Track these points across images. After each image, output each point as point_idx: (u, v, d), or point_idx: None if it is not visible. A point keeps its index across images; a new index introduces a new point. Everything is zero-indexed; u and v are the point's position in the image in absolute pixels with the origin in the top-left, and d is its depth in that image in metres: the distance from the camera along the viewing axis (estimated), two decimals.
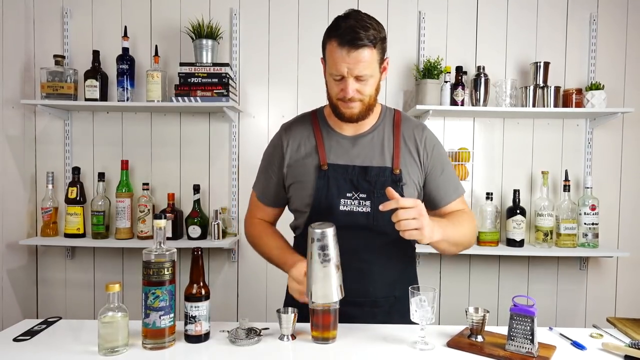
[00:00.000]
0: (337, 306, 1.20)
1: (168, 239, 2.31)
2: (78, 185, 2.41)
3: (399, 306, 1.35)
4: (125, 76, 2.37)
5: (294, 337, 1.23)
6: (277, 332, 1.24)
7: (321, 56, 1.32)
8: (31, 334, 1.24)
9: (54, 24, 2.51)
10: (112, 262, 2.55)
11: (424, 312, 1.16)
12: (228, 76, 2.31)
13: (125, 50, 2.39)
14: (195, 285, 1.19)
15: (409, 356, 1.14)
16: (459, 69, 2.39)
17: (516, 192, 2.41)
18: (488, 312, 1.21)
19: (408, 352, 1.16)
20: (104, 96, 2.39)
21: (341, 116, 1.31)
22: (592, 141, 2.49)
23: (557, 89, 2.37)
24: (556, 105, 2.37)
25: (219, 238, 2.34)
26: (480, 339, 1.20)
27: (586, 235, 2.37)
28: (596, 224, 2.37)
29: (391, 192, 1.14)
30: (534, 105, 2.37)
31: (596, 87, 2.36)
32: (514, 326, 1.13)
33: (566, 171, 2.43)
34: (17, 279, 2.41)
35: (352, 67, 1.22)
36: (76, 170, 2.43)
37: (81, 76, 2.40)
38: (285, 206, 1.50)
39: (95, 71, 2.37)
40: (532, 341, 1.10)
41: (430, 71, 2.36)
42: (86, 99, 2.35)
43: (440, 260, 2.54)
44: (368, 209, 1.31)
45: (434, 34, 2.50)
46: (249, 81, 2.54)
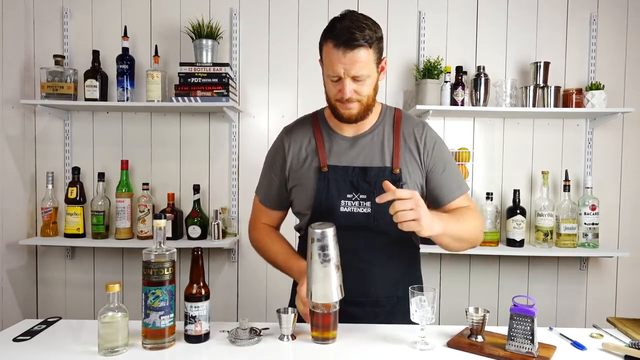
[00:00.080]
0: (337, 306, 1.19)
1: (168, 239, 2.31)
2: (78, 185, 2.41)
3: (401, 306, 1.34)
4: (125, 76, 2.37)
5: (294, 337, 1.23)
6: (277, 332, 1.24)
7: (319, 58, 1.32)
8: (31, 334, 1.24)
9: (53, 24, 2.51)
10: (112, 262, 2.55)
11: (424, 312, 1.16)
12: (228, 76, 2.31)
13: (125, 50, 2.39)
14: (195, 285, 1.19)
15: (409, 356, 1.13)
16: (459, 69, 2.39)
17: (516, 192, 2.41)
18: (488, 312, 1.21)
19: (408, 352, 1.16)
20: (103, 96, 2.39)
21: (340, 117, 1.32)
22: (592, 141, 2.49)
23: (557, 89, 2.37)
24: (556, 105, 2.37)
25: (219, 238, 2.34)
26: (480, 339, 1.19)
27: (586, 235, 2.37)
28: (596, 224, 2.37)
29: (388, 184, 1.14)
30: (534, 105, 2.37)
31: (596, 87, 2.36)
32: (514, 326, 1.13)
33: (566, 171, 2.43)
34: (17, 279, 2.41)
35: (348, 68, 1.22)
36: (76, 170, 2.43)
37: (81, 76, 2.40)
38: (288, 209, 1.50)
39: (95, 71, 2.37)
40: (532, 341, 1.10)
41: (430, 71, 2.36)
42: (86, 99, 2.34)
43: (440, 260, 2.53)
44: (368, 210, 1.31)
45: (434, 34, 2.50)
46: (249, 81, 2.54)
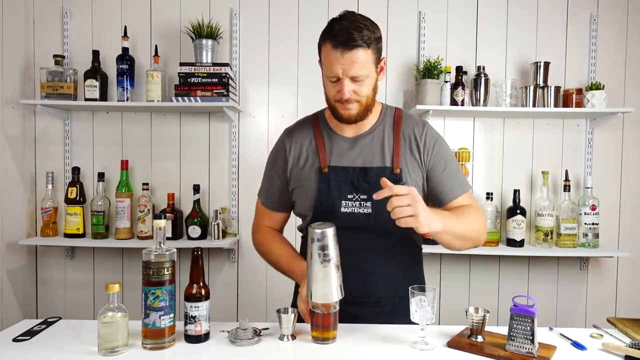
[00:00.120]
0: (337, 306, 1.19)
1: (168, 239, 2.31)
2: (78, 185, 2.41)
3: (402, 306, 1.34)
4: (125, 76, 2.37)
5: (294, 337, 1.23)
6: (277, 332, 1.24)
7: (318, 59, 1.32)
8: (31, 334, 1.24)
9: (53, 24, 2.51)
10: (112, 262, 2.55)
11: (424, 312, 1.16)
12: (228, 76, 2.31)
13: (125, 50, 2.39)
14: (195, 285, 1.19)
15: (409, 356, 1.13)
16: (459, 69, 2.39)
17: (516, 192, 2.41)
18: (488, 312, 1.21)
19: (408, 352, 1.15)
20: (103, 96, 2.39)
21: (340, 118, 1.32)
22: (593, 141, 2.49)
23: (557, 89, 2.37)
24: (556, 105, 2.37)
25: (218, 238, 2.34)
26: (480, 339, 1.19)
27: (586, 235, 2.37)
28: (596, 224, 2.37)
29: (385, 181, 1.14)
30: (534, 105, 2.37)
31: (596, 87, 2.36)
32: (514, 326, 1.13)
33: (566, 171, 2.43)
34: (16, 279, 2.41)
35: (346, 68, 1.22)
36: (76, 170, 2.43)
37: (81, 76, 2.40)
38: (290, 211, 1.50)
39: (95, 71, 2.37)
40: (533, 341, 1.10)
41: (430, 71, 2.36)
42: (86, 99, 2.34)
43: (440, 260, 2.53)
44: (369, 210, 1.31)
45: (434, 34, 2.50)
46: (249, 81, 2.53)
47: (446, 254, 2.49)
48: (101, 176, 2.41)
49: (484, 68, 2.39)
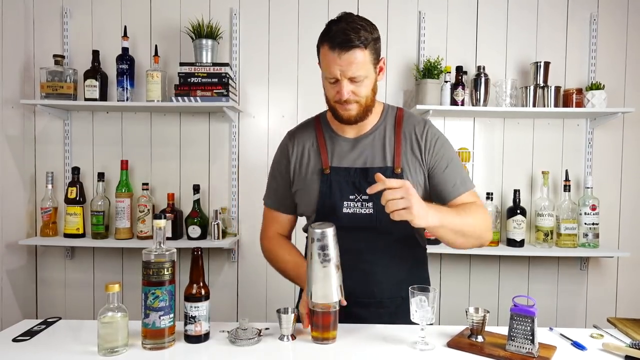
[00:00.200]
0: (337, 306, 1.19)
1: (168, 239, 2.31)
2: (78, 185, 2.41)
3: (405, 307, 1.33)
4: (125, 76, 2.37)
5: (294, 337, 1.23)
6: (277, 332, 1.24)
7: (318, 61, 1.33)
8: (31, 334, 1.24)
9: (53, 23, 2.51)
10: (111, 262, 2.55)
11: (424, 312, 1.16)
12: (228, 76, 2.30)
13: (125, 50, 2.38)
14: (195, 286, 1.19)
15: (409, 356, 1.13)
16: (459, 69, 2.39)
17: (516, 192, 2.41)
18: (488, 312, 1.21)
19: (408, 352, 1.15)
20: (103, 96, 2.39)
21: (340, 118, 1.32)
22: (593, 141, 2.49)
23: (557, 88, 2.37)
24: (556, 105, 2.36)
25: (218, 238, 2.34)
26: (480, 339, 1.19)
27: (586, 235, 2.37)
28: (596, 224, 2.37)
29: (379, 175, 1.13)
30: (534, 105, 2.37)
31: (596, 87, 2.35)
32: (514, 326, 1.13)
33: (566, 171, 2.42)
34: (16, 279, 2.41)
35: (344, 69, 1.22)
36: (76, 170, 2.42)
37: (81, 76, 2.40)
38: (296, 213, 1.49)
39: (95, 71, 2.37)
40: (533, 341, 1.10)
41: (430, 71, 2.36)
42: (86, 99, 2.34)
43: (440, 260, 2.53)
44: (371, 210, 1.32)
45: (434, 34, 2.50)
46: (249, 81, 2.53)
47: (446, 254, 2.49)
48: (101, 176, 2.41)
49: (484, 68, 2.39)
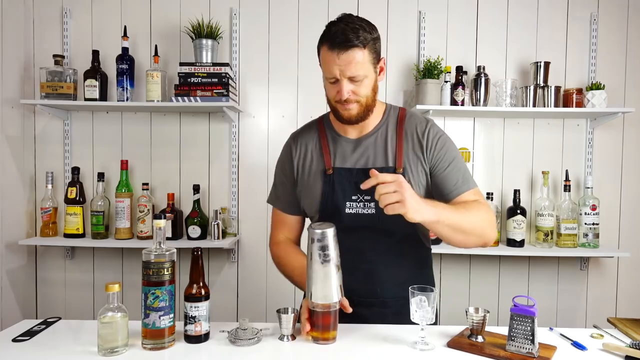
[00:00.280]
0: (337, 306, 1.19)
1: (168, 239, 2.31)
2: (77, 185, 2.41)
3: (409, 307, 1.34)
4: (125, 76, 2.36)
5: (293, 337, 1.23)
6: (277, 332, 1.24)
7: (319, 62, 1.33)
8: (30, 334, 1.24)
9: (53, 23, 2.50)
10: (111, 262, 2.55)
11: (424, 312, 1.16)
12: (228, 76, 2.30)
13: (125, 50, 2.38)
14: (195, 286, 1.19)
15: (409, 356, 1.13)
16: (459, 69, 2.39)
17: (516, 192, 2.41)
18: (488, 312, 1.20)
19: (408, 352, 1.15)
20: (103, 96, 2.39)
21: (341, 118, 1.33)
22: (593, 141, 2.49)
23: (557, 88, 2.37)
24: (556, 105, 2.36)
25: (218, 238, 2.34)
26: (480, 339, 1.19)
27: (587, 235, 2.37)
28: (597, 224, 2.37)
29: (373, 172, 1.14)
30: (534, 105, 2.37)
31: (597, 87, 2.35)
32: (515, 326, 1.13)
33: (567, 171, 2.42)
34: (16, 279, 2.41)
35: (344, 69, 1.23)
36: (76, 170, 2.42)
37: (81, 76, 2.40)
38: (303, 214, 1.49)
39: (95, 71, 2.37)
40: (533, 341, 1.10)
41: (430, 71, 2.36)
42: (86, 99, 2.34)
43: (440, 260, 2.53)
44: (373, 210, 1.32)
45: (434, 34, 2.50)
46: (249, 81, 2.53)
47: (446, 254, 2.49)
48: (101, 176, 2.41)
49: (484, 68, 2.38)
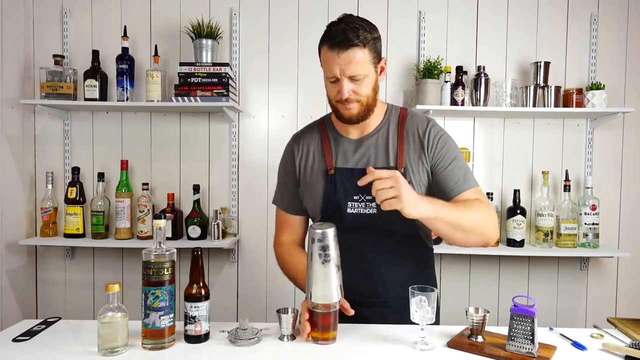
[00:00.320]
0: (337, 307, 1.19)
1: (168, 239, 2.31)
2: (77, 185, 2.41)
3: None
4: (124, 76, 2.36)
5: (293, 337, 1.23)
6: (277, 332, 1.24)
7: (320, 63, 1.33)
8: (30, 334, 1.24)
9: (53, 23, 2.50)
10: (111, 262, 2.55)
11: (424, 312, 1.16)
12: (228, 76, 2.30)
13: (125, 50, 2.38)
14: (195, 286, 1.19)
15: (409, 356, 1.13)
16: (459, 69, 2.39)
17: (516, 192, 2.41)
18: (488, 312, 1.21)
19: (408, 352, 1.15)
20: (103, 96, 2.39)
21: (342, 118, 1.33)
22: (593, 141, 2.49)
23: (557, 88, 2.37)
24: (556, 105, 2.36)
25: (218, 238, 2.34)
26: (480, 339, 1.19)
27: (587, 235, 2.37)
28: (597, 224, 2.37)
29: (370, 169, 1.15)
30: (534, 105, 2.37)
31: (597, 87, 2.35)
32: (514, 326, 1.13)
33: (566, 171, 2.42)
34: (16, 279, 2.41)
35: (344, 68, 1.24)
36: (76, 170, 2.42)
37: (81, 76, 2.39)
38: (307, 214, 1.49)
39: (95, 71, 2.37)
40: (533, 341, 1.10)
41: (430, 71, 2.36)
42: (86, 99, 2.34)
43: (440, 260, 2.53)
44: (374, 210, 1.32)
45: (434, 34, 2.50)
46: (249, 81, 2.53)
47: (446, 254, 2.49)
48: (101, 176, 2.41)
49: (484, 68, 2.38)
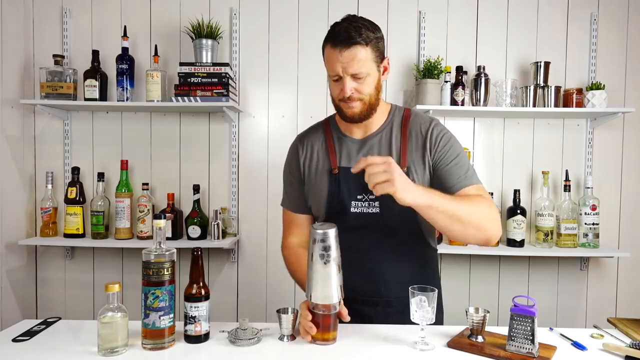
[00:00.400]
0: (338, 307, 1.19)
1: (168, 239, 2.31)
2: (77, 185, 2.41)
3: None
4: (124, 76, 2.36)
5: (293, 337, 1.23)
6: (277, 332, 1.24)
7: (324, 63, 1.34)
8: (30, 334, 1.24)
9: (53, 23, 2.50)
10: (111, 262, 2.55)
11: (424, 312, 1.16)
12: (228, 76, 2.30)
13: (125, 50, 2.38)
14: (195, 286, 1.19)
15: (409, 356, 1.13)
16: (459, 69, 2.39)
17: (516, 192, 2.41)
18: (488, 312, 1.20)
19: (408, 352, 1.15)
20: (103, 96, 2.39)
21: (344, 117, 1.34)
22: (593, 141, 2.49)
23: (557, 88, 2.37)
24: (556, 105, 2.36)
25: (218, 238, 2.34)
26: (480, 339, 1.19)
27: (587, 235, 2.37)
28: (597, 224, 2.36)
29: (363, 158, 1.16)
30: (534, 105, 2.37)
31: (597, 87, 2.35)
32: (515, 326, 1.12)
33: (567, 171, 2.42)
34: (16, 279, 2.41)
35: (346, 66, 1.25)
36: (76, 170, 2.42)
37: (81, 76, 2.39)
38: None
39: (95, 71, 2.37)
40: (533, 341, 1.10)
41: (430, 71, 2.36)
42: (86, 99, 2.34)
43: (440, 260, 2.53)
44: (377, 210, 1.33)
45: (434, 34, 2.50)
46: (249, 81, 2.53)
47: (446, 254, 2.49)
48: (101, 176, 2.41)
49: (484, 68, 2.38)
